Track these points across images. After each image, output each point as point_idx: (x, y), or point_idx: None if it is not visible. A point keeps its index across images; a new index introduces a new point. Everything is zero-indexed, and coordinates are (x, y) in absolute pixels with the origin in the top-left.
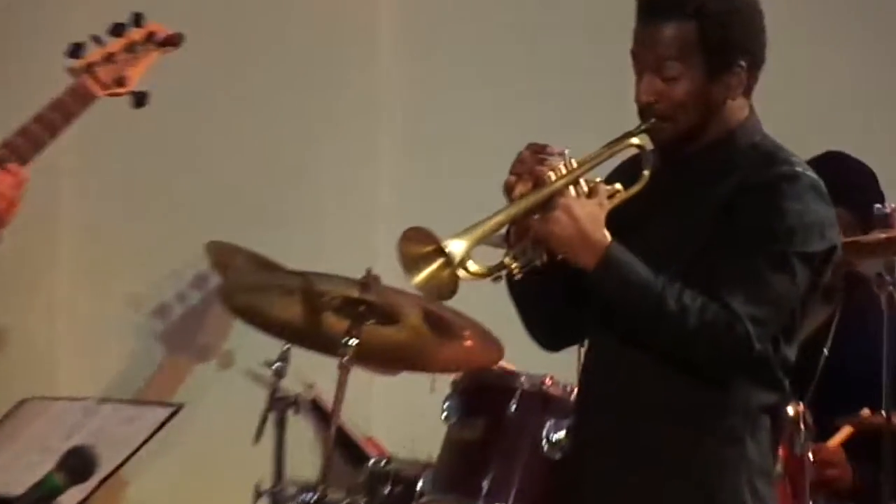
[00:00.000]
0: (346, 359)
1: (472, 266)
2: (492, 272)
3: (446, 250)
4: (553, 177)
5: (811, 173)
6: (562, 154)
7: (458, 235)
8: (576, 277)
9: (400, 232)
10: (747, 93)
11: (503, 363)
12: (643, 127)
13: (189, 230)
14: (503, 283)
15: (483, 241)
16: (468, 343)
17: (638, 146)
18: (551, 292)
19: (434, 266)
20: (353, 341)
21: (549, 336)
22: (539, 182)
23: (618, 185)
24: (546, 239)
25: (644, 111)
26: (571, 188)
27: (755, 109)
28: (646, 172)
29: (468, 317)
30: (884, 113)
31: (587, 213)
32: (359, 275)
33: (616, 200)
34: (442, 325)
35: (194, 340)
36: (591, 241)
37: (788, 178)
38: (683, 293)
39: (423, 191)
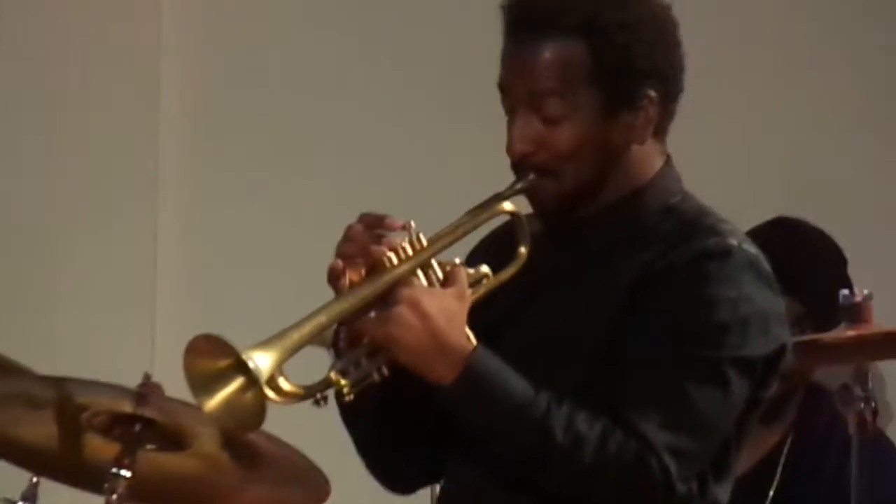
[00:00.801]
0: (114, 496)
1: (285, 385)
2: (312, 392)
3: (248, 365)
4: (394, 259)
5: (748, 246)
6: (406, 228)
7: (264, 345)
8: (431, 393)
9: (186, 326)
10: (660, 135)
11: None
12: (518, 186)
13: None
14: (331, 402)
15: (298, 350)
16: (282, 478)
17: (511, 213)
18: (397, 415)
19: (232, 387)
20: (125, 473)
21: (395, 474)
22: (376, 267)
23: (484, 268)
24: (385, 345)
25: (518, 165)
26: (420, 274)
27: (672, 159)
28: (522, 249)
29: (282, 441)
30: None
31: (441, 309)
32: (133, 382)
33: (483, 289)
34: (247, 453)
35: None
36: (446, 348)
37: (716, 254)
38: (576, 417)
39: (215, 274)
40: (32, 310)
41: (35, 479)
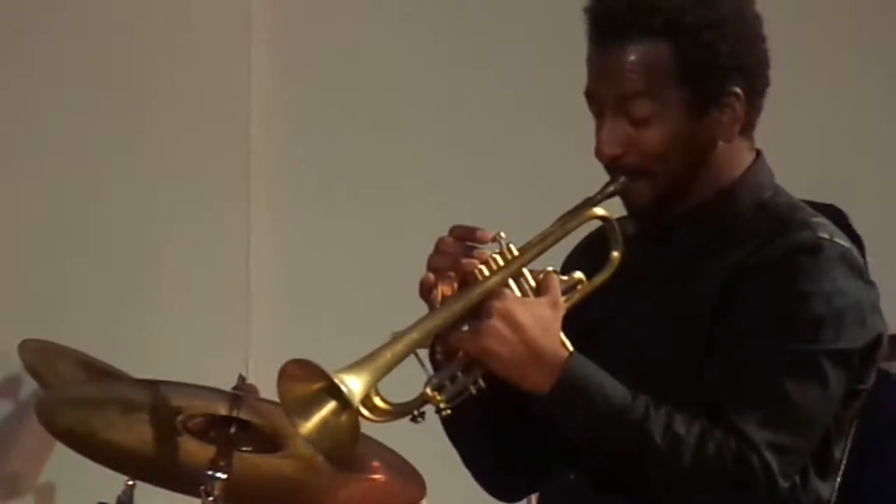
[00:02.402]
0: (210, 499)
1: (380, 403)
2: (409, 410)
3: (341, 389)
4: (486, 271)
5: (840, 240)
6: (496, 239)
7: (356, 366)
8: (530, 402)
9: (281, 328)
10: (748, 131)
11: None
12: (609, 190)
13: None
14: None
15: (391, 369)
16: (378, 478)
17: (602, 217)
18: (499, 425)
19: (327, 409)
20: (221, 475)
21: (503, 484)
22: (467, 279)
23: (578, 274)
24: (480, 358)
25: (610, 168)
26: (513, 284)
27: (764, 154)
28: (615, 253)
29: (378, 442)
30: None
31: (535, 319)
32: (228, 384)
33: (578, 295)
34: None
35: (2, 468)
36: (542, 357)
37: (808, 248)
38: (674, 419)
39: (308, 275)
40: (127, 314)
41: (131, 483)
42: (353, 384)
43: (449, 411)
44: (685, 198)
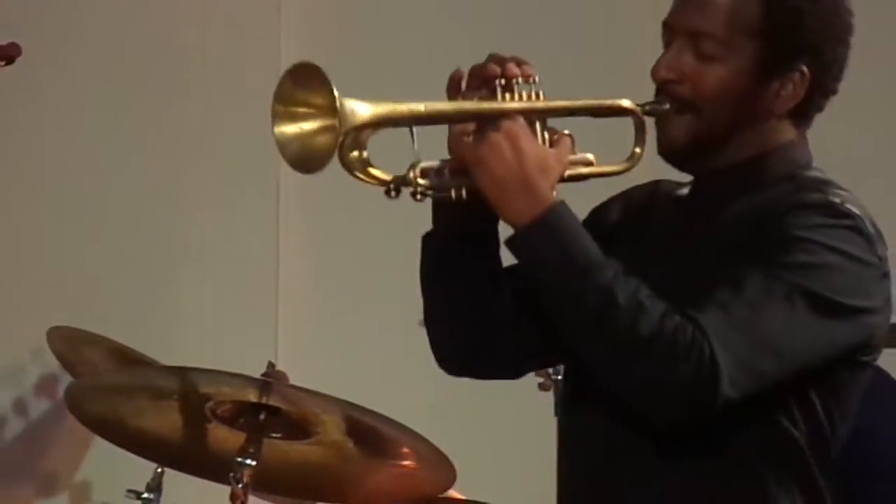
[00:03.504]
0: (240, 486)
1: (364, 157)
2: (386, 181)
3: (338, 106)
4: (508, 98)
5: (852, 207)
6: (528, 80)
7: (358, 100)
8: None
9: (309, 314)
10: (798, 117)
11: (454, 491)
12: (648, 108)
13: (25, 312)
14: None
15: (386, 123)
16: (408, 465)
17: (631, 111)
18: (467, 267)
19: (314, 123)
20: (250, 462)
21: (448, 347)
22: (490, 95)
23: (590, 156)
24: (473, 165)
25: (660, 90)
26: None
27: (809, 145)
28: (637, 150)
29: (408, 428)
30: None
31: (537, 156)
32: (257, 371)
33: (584, 171)
34: (372, 440)
35: (37, 466)
36: (531, 189)
37: (814, 205)
38: (641, 289)
39: (337, 262)
40: (156, 301)
41: (160, 470)
42: (354, 109)
43: (419, 198)
44: (717, 153)
